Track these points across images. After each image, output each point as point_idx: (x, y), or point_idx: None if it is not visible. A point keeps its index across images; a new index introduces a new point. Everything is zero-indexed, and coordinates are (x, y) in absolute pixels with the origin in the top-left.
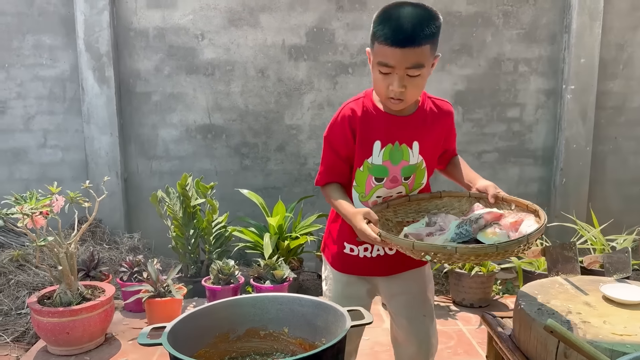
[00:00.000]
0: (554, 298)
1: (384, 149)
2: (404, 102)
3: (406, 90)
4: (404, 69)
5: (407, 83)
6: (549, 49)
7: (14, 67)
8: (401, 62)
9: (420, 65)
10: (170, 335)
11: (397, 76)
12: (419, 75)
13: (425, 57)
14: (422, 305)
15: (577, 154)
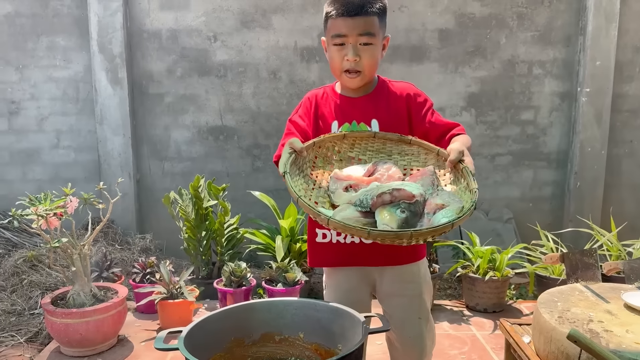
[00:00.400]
0: (575, 306)
1: (340, 128)
2: (360, 76)
3: (361, 60)
4: (356, 36)
5: (361, 53)
6: (563, 51)
7: (28, 68)
8: (353, 29)
9: (371, 33)
10: (187, 340)
11: (350, 45)
12: (372, 44)
13: (374, 27)
14: (418, 308)
15: (592, 157)
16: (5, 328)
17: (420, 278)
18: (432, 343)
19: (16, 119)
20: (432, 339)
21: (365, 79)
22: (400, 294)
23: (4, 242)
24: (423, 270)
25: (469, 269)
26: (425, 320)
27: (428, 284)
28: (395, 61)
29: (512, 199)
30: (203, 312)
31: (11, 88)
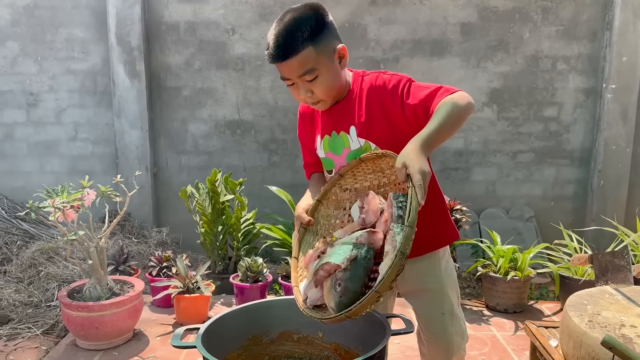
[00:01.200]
0: (605, 309)
1: (322, 141)
2: (322, 102)
3: (315, 94)
4: (297, 77)
5: (311, 87)
6: (589, 46)
7: (47, 61)
8: (291, 74)
9: (310, 70)
10: (204, 337)
11: (297, 86)
12: (317, 76)
13: (311, 61)
14: (441, 303)
15: (616, 155)
16: (22, 320)
17: (440, 271)
18: (462, 339)
19: (35, 110)
20: (460, 335)
21: (329, 101)
22: (421, 288)
23: (22, 234)
24: (444, 263)
25: (490, 268)
26: (450, 315)
27: (451, 277)
28: (416, 55)
29: (533, 197)
30: (219, 307)
31: (30, 80)
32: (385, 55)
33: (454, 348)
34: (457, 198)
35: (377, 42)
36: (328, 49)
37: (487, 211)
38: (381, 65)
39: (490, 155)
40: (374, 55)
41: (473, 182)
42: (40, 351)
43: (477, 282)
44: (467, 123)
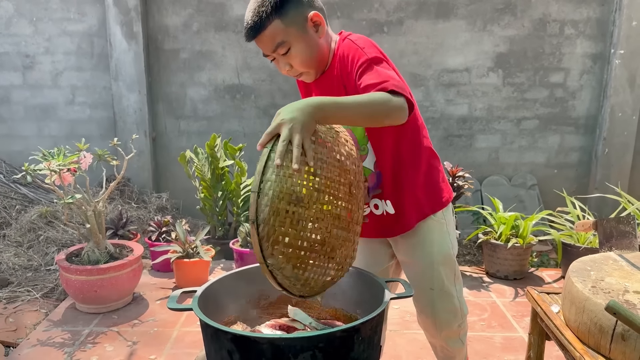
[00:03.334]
0: (609, 275)
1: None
2: (306, 74)
3: (293, 67)
4: (272, 52)
5: (288, 60)
6: (598, 10)
7: (42, 22)
8: (265, 49)
9: (280, 43)
10: (201, 300)
11: (276, 60)
12: (290, 48)
13: (280, 34)
14: (430, 278)
15: (622, 122)
16: (21, 283)
17: (431, 246)
18: (454, 317)
19: (31, 73)
20: (452, 312)
21: (313, 72)
22: (412, 261)
23: (21, 198)
24: (437, 237)
25: (491, 235)
26: (439, 291)
27: (445, 254)
28: (421, 17)
29: (536, 164)
30: (219, 272)
31: (25, 41)
32: (389, 17)
33: (442, 324)
34: (459, 165)
35: (380, 4)
36: (298, 19)
37: (489, 178)
38: (385, 28)
39: (494, 122)
40: (377, 17)
41: (476, 149)
42: (39, 314)
43: (477, 249)
44: (472, 89)
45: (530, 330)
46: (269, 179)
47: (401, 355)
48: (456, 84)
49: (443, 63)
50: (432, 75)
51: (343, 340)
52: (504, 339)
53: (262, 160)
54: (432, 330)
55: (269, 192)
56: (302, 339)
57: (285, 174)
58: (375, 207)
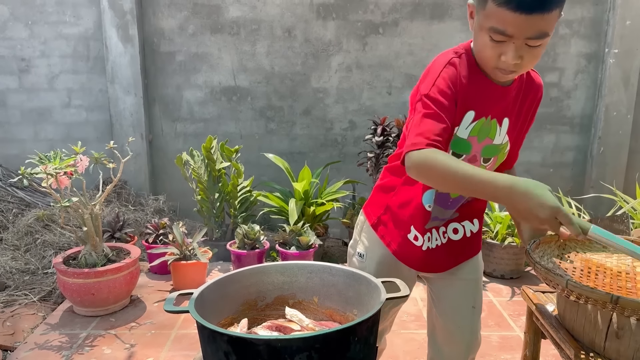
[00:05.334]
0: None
1: (475, 122)
2: (515, 74)
3: (522, 62)
4: (524, 38)
5: (524, 53)
6: (592, 9)
7: (38, 25)
8: (523, 31)
9: (545, 34)
10: (197, 302)
11: (513, 46)
12: (541, 45)
13: (551, 25)
14: (473, 295)
15: (617, 121)
16: (19, 287)
17: (479, 264)
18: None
19: (27, 76)
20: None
21: (519, 74)
22: (456, 276)
23: (17, 202)
24: (480, 260)
25: (487, 234)
26: (479, 311)
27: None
28: (416, 18)
29: (532, 164)
30: (216, 274)
31: (21, 45)
32: (384, 18)
33: (477, 344)
34: None
35: (376, 5)
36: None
37: None
38: (380, 29)
39: None
40: (372, 18)
41: None
42: (37, 317)
43: None
44: None
45: (526, 329)
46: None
47: (398, 355)
48: None
49: None
50: None
51: (339, 340)
52: (501, 337)
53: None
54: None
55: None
56: (298, 339)
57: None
58: (455, 231)
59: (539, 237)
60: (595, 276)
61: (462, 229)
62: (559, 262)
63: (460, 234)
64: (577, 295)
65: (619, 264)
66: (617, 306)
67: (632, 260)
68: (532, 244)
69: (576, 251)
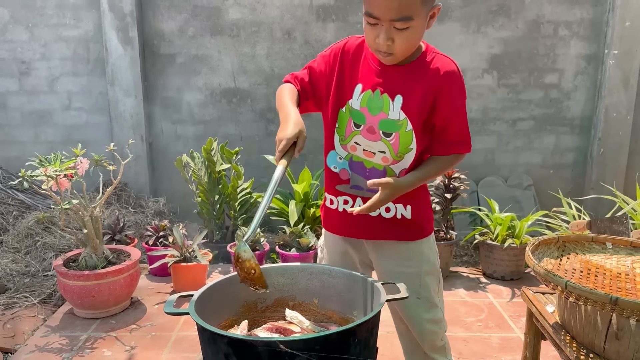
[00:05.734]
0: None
1: (362, 94)
2: (394, 57)
3: (394, 44)
4: (390, 21)
5: (395, 36)
6: (591, 11)
7: (38, 27)
8: (385, 13)
9: (408, 17)
10: (197, 304)
11: (383, 28)
12: (409, 28)
13: (413, 9)
14: (417, 287)
15: (617, 123)
16: (19, 289)
17: (421, 257)
18: (439, 328)
19: (27, 79)
20: (436, 323)
21: (399, 59)
22: (398, 270)
23: (18, 204)
24: (427, 250)
25: (487, 235)
26: (426, 301)
27: (432, 266)
28: None
29: (532, 165)
30: (216, 276)
31: (21, 47)
32: None
33: (427, 335)
34: (455, 166)
35: None
36: (429, 5)
37: (485, 179)
38: None
39: (489, 123)
40: None
41: (472, 150)
42: (37, 320)
43: (474, 250)
44: (467, 90)
45: (526, 330)
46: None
47: (398, 356)
48: None
49: None
50: None
51: (339, 342)
52: (501, 339)
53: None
54: (415, 342)
55: None
56: (298, 341)
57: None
58: (387, 210)
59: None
60: (594, 277)
61: (394, 209)
62: (559, 264)
63: (391, 213)
64: (577, 297)
65: (618, 265)
66: (616, 307)
67: (632, 261)
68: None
69: (576, 252)
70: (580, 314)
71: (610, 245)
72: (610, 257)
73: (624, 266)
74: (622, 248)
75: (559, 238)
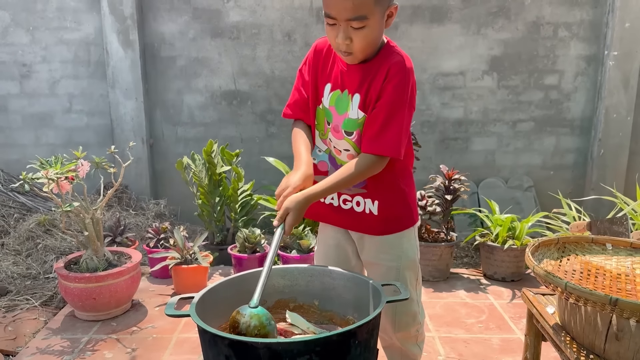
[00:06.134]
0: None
1: (331, 94)
2: (354, 56)
3: (352, 44)
4: (346, 20)
5: (353, 35)
6: (591, 12)
7: (39, 30)
8: (341, 13)
9: (362, 17)
10: (198, 306)
11: (340, 28)
12: (365, 27)
13: (367, 8)
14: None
15: (617, 124)
16: (20, 291)
17: (399, 251)
18: (413, 320)
19: (28, 82)
20: (410, 315)
21: (359, 58)
22: (376, 262)
23: (19, 207)
24: (405, 244)
25: (488, 237)
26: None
27: (411, 259)
28: (415, 22)
29: (532, 166)
30: (217, 278)
31: (22, 50)
32: None
33: (401, 326)
34: (455, 168)
35: None
36: (385, 4)
37: (486, 181)
38: None
39: (489, 125)
40: None
41: (472, 152)
42: (39, 322)
43: (475, 251)
44: (467, 92)
45: (527, 331)
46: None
47: None
48: (451, 87)
49: (438, 67)
50: (428, 79)
51: (340, 344)
52: (502, 340)
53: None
54: (389, 331)
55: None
56: (299, 343)
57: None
58: (357, 204)
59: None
60: (594, 278)
61: (363, 203)
62: (559, 265)
63: (360, 208)
64: (576, 298)
65: (618, 266)
66: (615, 308)
67: (632, 262)
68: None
69: (576, 254)
70: (580, 315)
71: (610, 246)
72: (610, 258)
73: (624, 267)
74: (622, 249)
75: (558, 239)
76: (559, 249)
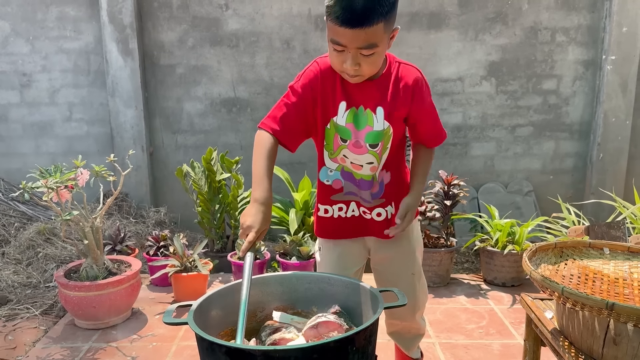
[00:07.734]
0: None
1: (348, 111)
2: (360, 77)
3: (361, 68)
4: (356, 48)
5: (361, 61)
6: (588, 17)
7: (39, 40)
8: (352, 42)
9: (373, 45)
10: (196, 313)
11: (350, 55)
12: (374, 53)
13: (378, 37)
14: (412, 264)
15: (615, 127)
16: (20, 300)
17: (412, 237)
18: (425, 297)
19: (28, 91)
20: (425, 293)
21: (365, 78)
22: (394, 251)
23: (19, 216)
24: (415, 230)
25: (488, 242)
26: (419, 275)
27: (420, 243)
28: (413, 29)
29: (532, 171)
30: (217, 285)
31: (22, 60)
32: None
33: (420, 305)
34: (455, 173)
35: None
36: (389, 29)
37: (485, 186)
38: None
39: (488, 130)
40: None
41: (471, 157)
42: (39, 331)
43: (475, 257)
44: (466, 98)
45: (526, 336)
46: None
47: None
48: (450, 93)
49: (436, 73)
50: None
51: (337, 350)
52: (502, 346)
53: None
54: (410, 313)
55: None
56: (297, 350)
57: None
58: (378, 215)
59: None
60: (592, 283)
61: (384, 213)
62: (556, 270)
63: (382, 217)
64: (573, 302)
65: (615, 271)
66: (612, 312)
67: (629, 266)
68: (529, 251)
69: (573, 258)
70: (578, 319)
71: (607, 250)
72: (608, 263)
73: (622, 271)
74: (620, 253)
75: (556, 244)
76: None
